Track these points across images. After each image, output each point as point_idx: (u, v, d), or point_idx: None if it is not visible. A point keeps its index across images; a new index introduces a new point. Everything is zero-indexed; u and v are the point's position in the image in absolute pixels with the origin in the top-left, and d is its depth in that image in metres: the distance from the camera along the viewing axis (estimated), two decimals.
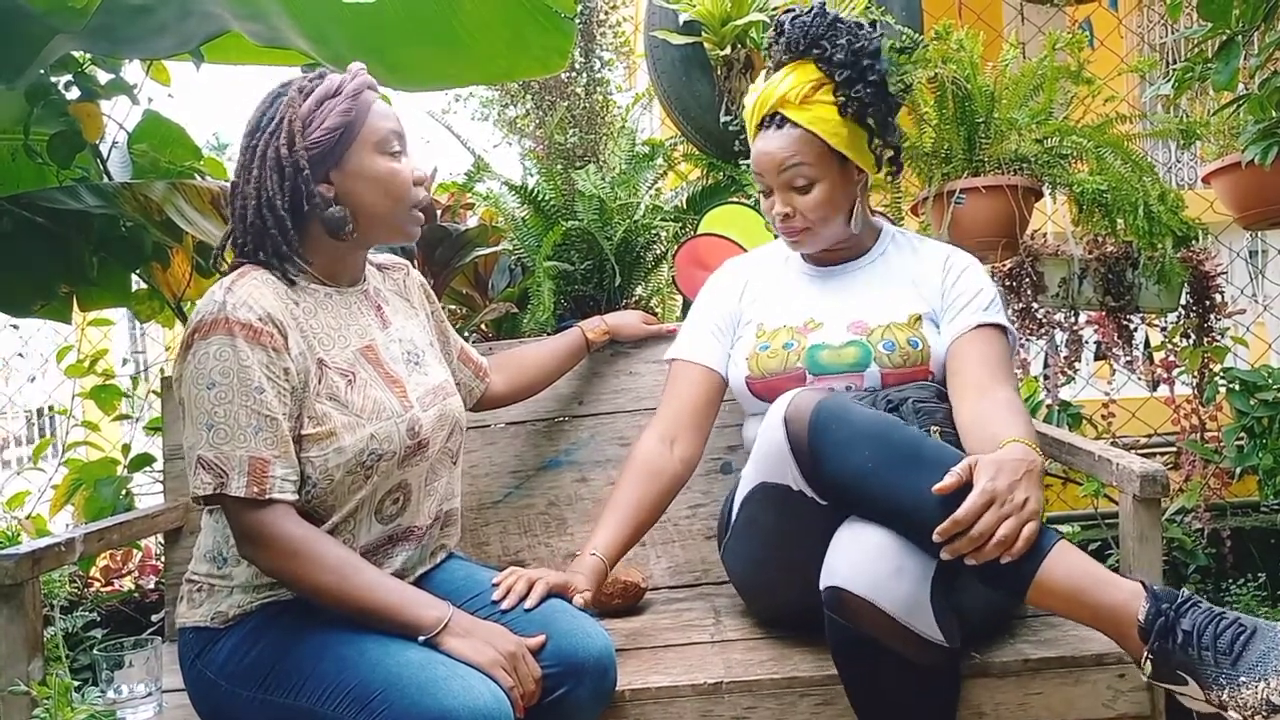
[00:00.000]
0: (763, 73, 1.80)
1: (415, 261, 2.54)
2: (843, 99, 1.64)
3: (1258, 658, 1.19)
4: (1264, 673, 1.17)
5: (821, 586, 1.39)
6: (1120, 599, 1.29)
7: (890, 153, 1.75)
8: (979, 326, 1.68)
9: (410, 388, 1.53)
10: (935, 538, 1.32)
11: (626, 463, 1.74)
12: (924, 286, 1.75)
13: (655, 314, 2.74)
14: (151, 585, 2.61)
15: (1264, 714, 1.16)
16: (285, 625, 1.39)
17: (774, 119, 1.68)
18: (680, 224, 2.57)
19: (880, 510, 1.38)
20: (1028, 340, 2.60)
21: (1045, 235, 2.69)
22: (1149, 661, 1.26)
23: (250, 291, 1.37)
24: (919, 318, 1.72)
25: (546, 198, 2.48)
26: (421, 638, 1.34)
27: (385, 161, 1.45)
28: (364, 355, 1.49)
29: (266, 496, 1.33)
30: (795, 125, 1.65)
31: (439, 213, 2.54)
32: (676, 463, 1.74)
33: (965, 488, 1.33)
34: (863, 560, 1.36)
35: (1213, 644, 1.22)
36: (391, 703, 1.25)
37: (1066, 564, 1.32)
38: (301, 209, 1.43)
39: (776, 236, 1.84)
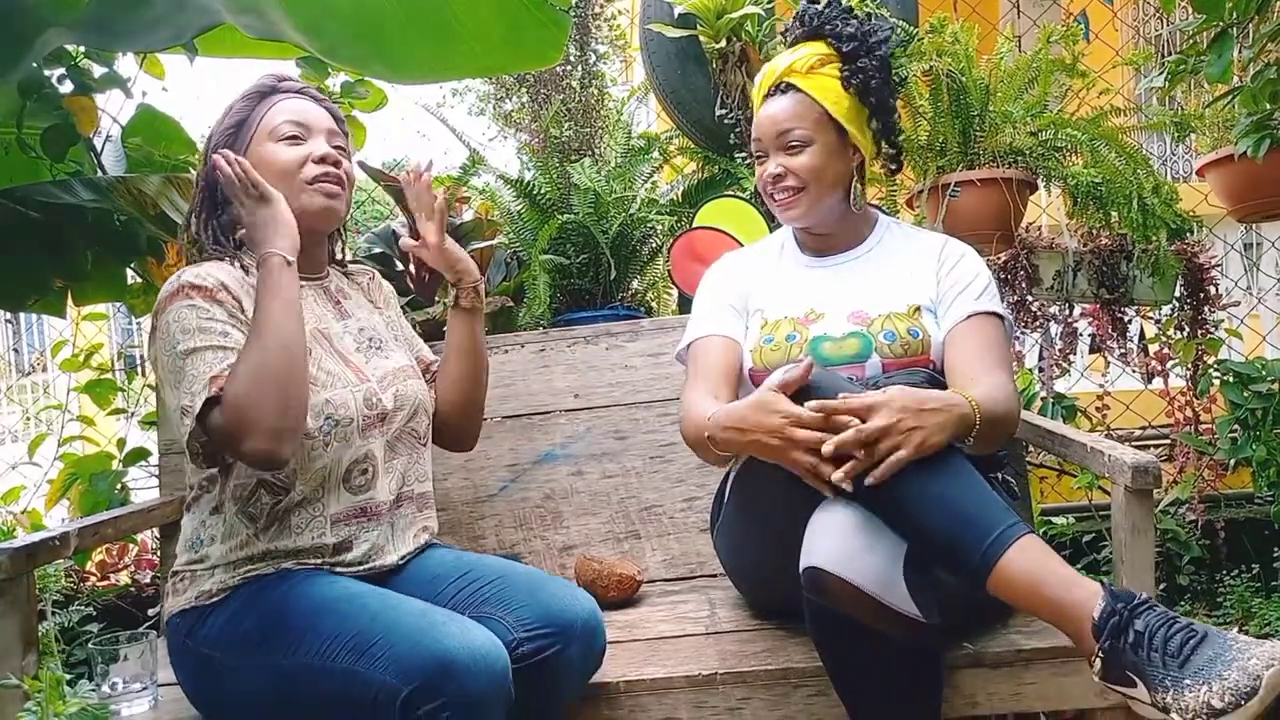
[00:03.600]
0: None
1: (411, 260, 2.54)
2: (847, 72, 1.70)
3: (1204, 662, 1.19)
4: (1208, 677, 1.17)
5: (800, 569, 1.41)
6: (1078, 596, 1.30)
7: (887, 142, 1.78)
8: (972, 315, 1.69)
9: (369, 370, 1.58)
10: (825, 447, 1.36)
11: (690, 429, 1.64)
12: (920, 276, 1.76)
13: (650, 308, 2.75)
14: (147, 580, 2.61)
15: (1204, 716, 1.16)
16: (279, 594, 1.41)
17: (779, 87, 1.73)
18: (676, 217, 2.57)
19: (858, 489, 1.39)
20: (1023, 333, 2.61)
21: (1040, 228, 2.70)
22: (1099, 660, 1.27)
23: (206, 268, 1.48)
24: (918, 308, 1.72)
25: (542, 191, 2.48)
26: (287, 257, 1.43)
27: (274, 146, 1.55)
28: (317, 335, 1.55)
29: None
30: (799, 91, 1.71)
31: None
32: None
33: None
34: (838, 540, 1.38)
35: (1162, 646, 1.22)
36: (392, 645, 1.28)
37: (1028, 557, 1.32)
38: (218, 205, 1.57)
39: (772, 228, 1.84)
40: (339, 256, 1.76)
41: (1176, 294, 2.57)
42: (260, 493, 1.48)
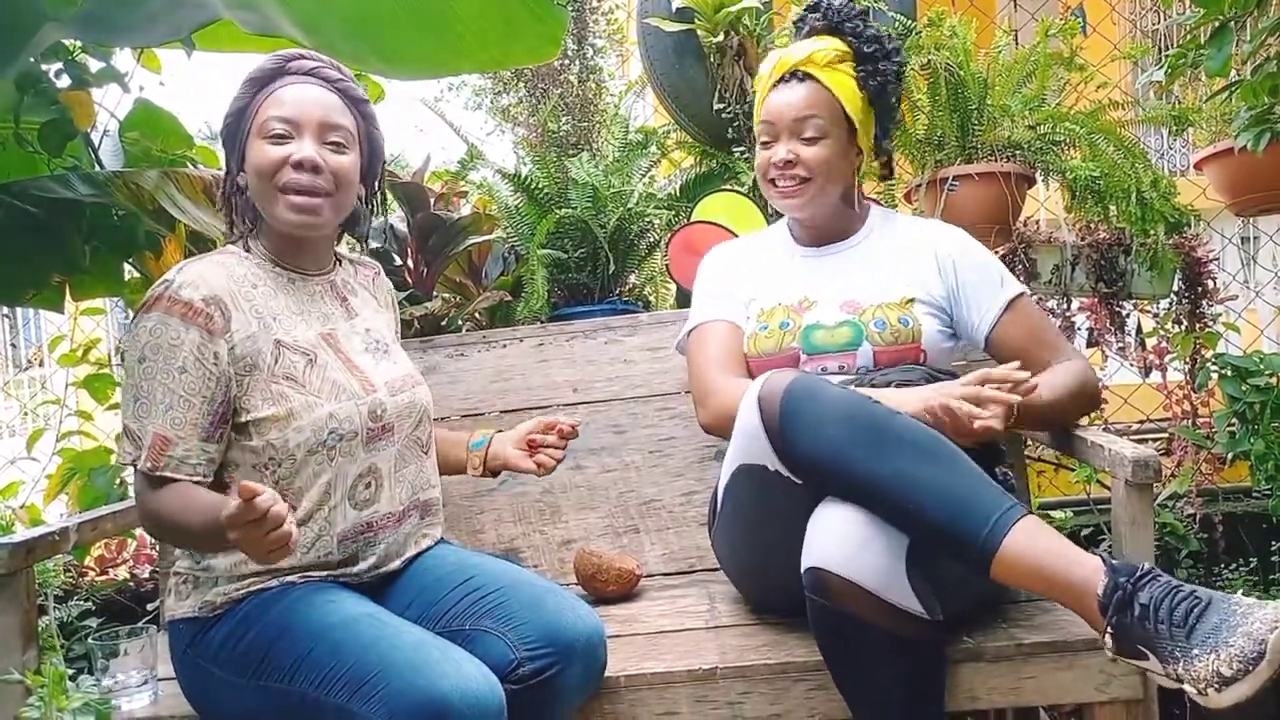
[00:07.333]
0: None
1: (410, 250, 2.54)
2: (864, 73, 1.73)
3: (1210, 629, 1.19)
4: (1215, 644, 1.17)
5: (802, 570, 1.41)
6: (1081, 574, 1.31)
7: (884, 148, 1.82)
8: (1009, 305, 1.73)
9: (377, 375, 1.55)
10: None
11: (725, 407, 1.65)
12: (915, 272, 1.78)
13: (648, 303, 2.75)
14: (146, 574, 2.61)
15: (1215, 686, 1.16)
16: (278, 613, 1.40)
17: (795, 74, 1.74)
18: (674, 211, 2.57)
19: (853, 487, 1.40)
20: None
21: (1038, 222, 2.70)
22: (1109, 636, 1.27)
23: (201, 271, 1.43)
24: (911, 300, 1.74)
25: (540, 186, 2.47)
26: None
27: (261, 145, 1.46)
28: (325, 340, 1.52)
29: (159, 474, 1.37)
30: (818, 82, 1.72)
31: (432, 201, 2.53)
32: None
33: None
34: (838, 539, 1.38)
35: (1168, 617, 1.22)
36: (385, 685, 1.26)
37: (1029, 539, 1.33)
38: (228, 195, 1.52)
39: (769, 222, 1.85)
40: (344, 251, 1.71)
41: (1174, 288, 2.57)
42: None
